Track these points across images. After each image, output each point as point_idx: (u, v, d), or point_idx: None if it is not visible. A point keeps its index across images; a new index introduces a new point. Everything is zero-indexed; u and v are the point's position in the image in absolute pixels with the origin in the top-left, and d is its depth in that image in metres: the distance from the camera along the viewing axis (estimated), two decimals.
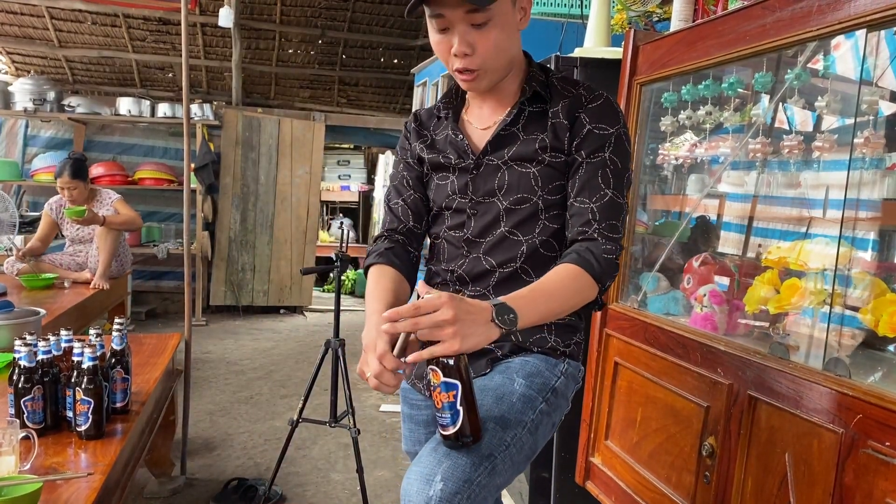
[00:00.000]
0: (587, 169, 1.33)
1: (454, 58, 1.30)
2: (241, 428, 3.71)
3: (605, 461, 2.29)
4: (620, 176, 1.34)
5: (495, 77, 1.35)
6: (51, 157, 6.21)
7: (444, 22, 1.26)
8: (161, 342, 2.89)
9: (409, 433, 1.59)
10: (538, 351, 1.40)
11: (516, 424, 1.27)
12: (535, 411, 1.31)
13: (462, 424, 1.11)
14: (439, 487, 1.13)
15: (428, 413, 1.53)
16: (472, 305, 1.09)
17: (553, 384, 1.37)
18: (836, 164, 1.68)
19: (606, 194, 1.31)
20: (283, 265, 6.85)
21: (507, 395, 1.30)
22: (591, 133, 1.33)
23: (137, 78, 7.52)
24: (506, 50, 1.31)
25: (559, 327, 1.42)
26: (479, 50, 1.27)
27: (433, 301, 1.06)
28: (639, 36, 2.26)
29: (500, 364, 1.39)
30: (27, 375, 1.82)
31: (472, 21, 1.25)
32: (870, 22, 1.42)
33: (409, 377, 1.43)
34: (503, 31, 1.28)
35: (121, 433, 1.92)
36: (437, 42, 1.31)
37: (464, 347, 1.06)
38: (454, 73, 1.34)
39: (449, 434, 1.13)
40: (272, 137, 6.70)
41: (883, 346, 1.60)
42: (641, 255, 2.40)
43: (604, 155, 1.32)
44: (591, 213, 1.30)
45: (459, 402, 1.10)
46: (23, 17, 6.77)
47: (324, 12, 7.19)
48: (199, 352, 5.15)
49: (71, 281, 4.11)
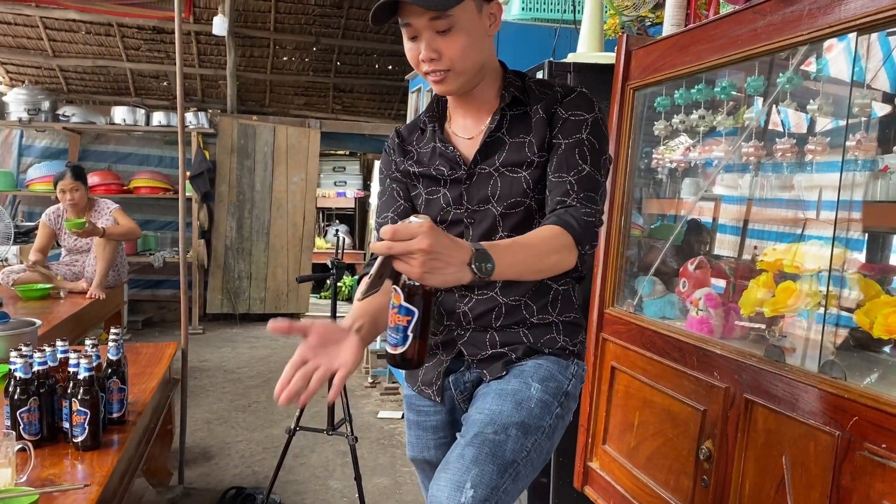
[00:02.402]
0: (565, 148, 1.34)
1: (423, 63, 1.33)
2: (238, 436, 3.71)
3: (604, 466, 2.29)
4: (597, 155, 1.35)
5: (465, 80, 1.36)
6: (46, 166, 6.21)
7: (412, 30, 1.31)
8: (158, 351, 2.89)
9: (415, 439, 1.60)
10: (549, 352, 1.43)
11: (536, 430, 1.31)
12: (551, 416, 1.36)
13: (407, 349, 1.13)
14: (470, 494, 1.18)
15: (436, 419, 1.54)
16: (452, 243, 1.04)
17: (566, 388, 1.41)
18: (829, 166, 1.69)
19: (584, 169, 1.32)
20: (280, 272, 6.84)
21: (525, 400, 1.34)
22: (568, 120, 1.36)
23: (132, 87, 7.51)
24: (474, 54, 1.33)
25: (566, 325, 1.45)
26: (446, 54, 1.30)
27: (412, 228, 1.01)
28: (631, 41, 2.27)
29: (515, 367, 1.41)
30: (23, 387, 1.82)
31: (436, 28, 1.28)
32: (860, 25, 1.43)
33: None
34: (469, 36, 1.30)
35: (117, 444, 1.92)
36: (408, 49, 1.35)
37: (427, 280, 1.03)
38: (425, 78, 1.37)
39: (393, 353, 1.15)
40: (267, 145, 6.70)
41: (878, 347, 1.61)
42: (637, 259, 2.40)
43: (580, 136, 1.35)
44: (569, 185, 1.31)
45: (412, 328, 1.12)
46: (17, 28, 6.77)
47: (318, 20, 7.21)
48: (196, 360, 5.13)
49: (67, 291, 4.10)
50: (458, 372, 1.48)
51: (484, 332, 1.44)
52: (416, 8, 1.26)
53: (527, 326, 1.43)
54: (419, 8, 1.25)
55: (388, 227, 1.01)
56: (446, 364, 1.48)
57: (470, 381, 1.47)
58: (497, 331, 1.43)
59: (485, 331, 1.44)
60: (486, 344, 1.43)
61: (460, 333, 1.46)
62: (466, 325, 1.45)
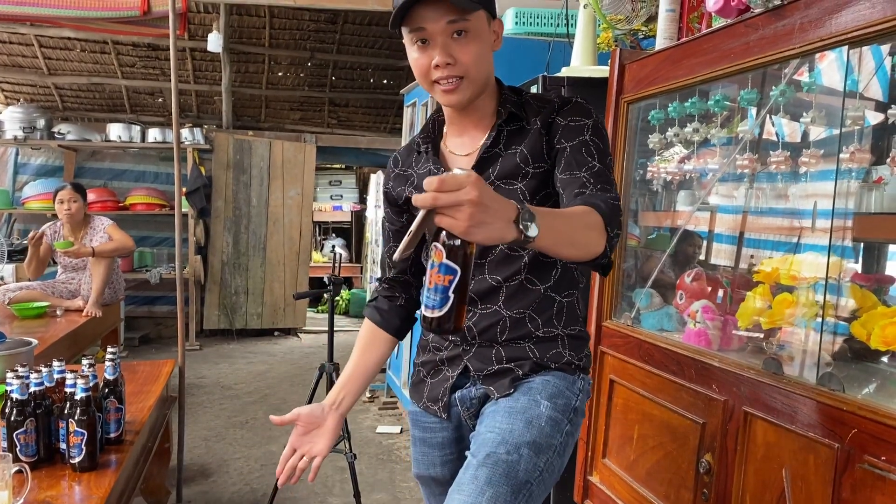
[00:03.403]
0: (571, 150, 1.33)
1: (435, 70, 1.31)
2: (236, 453, 3.69)
3: (604, 479, 2.28)
4: (604, 154, 1.34)
5: (475, 89, 1.35)
6: (41, 184, 6.20)
7: (425, 34, 1.29)
8: (154, 369, 2.87)
9: (421, 457, 1.58)
10: (555, 367, 1.42)
11: (547, 449, 1.31)
12: (562, 433, 1.36)
13: (448, 311, 1.04)
14: None
15: (442, 435, 1.53)
16: (499, 197, 1.00)
17: (574, 404, 1.41)
18: (824, 174, 1.69)
19: (595, 165, 1.30)
20: (277, 287, 6.83)
21: (535, 418, 1.34)
22: (568, 126, 1.36)
23: (127, 104, 7.52)
24: (484, 63, 1.34)
25: (571, 339, 1.45)
26: (461, 59, 1.29)
27: (459, 178, 0.95)
28: (625, 55, 2.28)
29: (522, 384, 1.41)
30: (19, 408, 1.80)
31: (454, 29, 1.27)
32: (851, 39, 1.44)
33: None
34: (481, 45, 1.31)
35: (115, 464, 1.91)
36: (416, 58, 1.33)
37: (473, 234, 0.96)
38: (434, 87, 1.34)
39: (431, 317, 1.06)
40: (263, 160, 6.71)
41: (875, 358, 1.61)
42: (634, 270, 2.40)
43: (584, 137, 1.34)
44: (585, 179, 1.28)
45: (453, 288, 1.04)
46: (11, 46, 6.78)
47: (312, 35, 7.23)
48: (193, 377, 5.11)
49: (63, 309, 4.09)
50: (465, 388, 1.47)
51: (489, 348, 1.43)
52: (431, 12, 1.25)
53: (532, 341, 1.42)
54: (438, 11, 1.24)
55: (433, 178, 0.95)
56: (452, 380, 1.47)
57: (476, 398, 1.46)
58: (502, 345, 1.43)
59: (490, 346, 1.43)
60: (492, 359, 1.43)
61: (466, 349, 1.45)
62: (472, 341, 1.44)
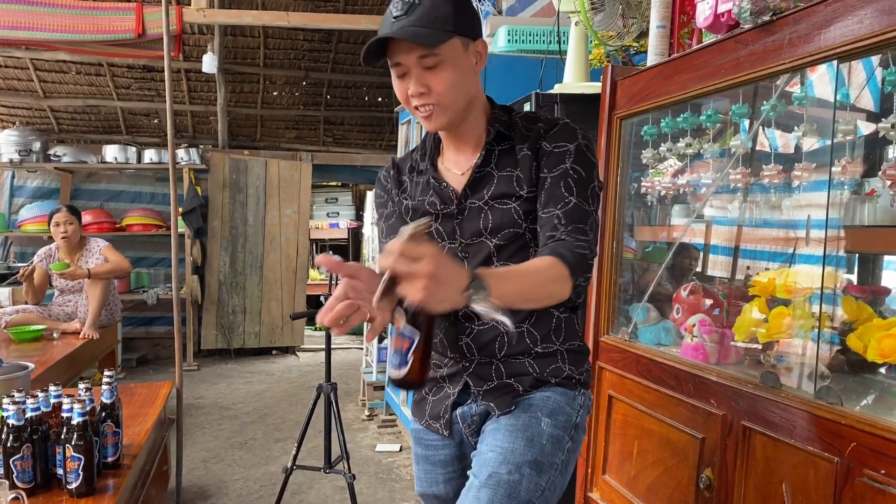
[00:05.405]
0: (550, 182, 1.36)
1: (412, 98, 1.37)
2: (235, 475, 3.66)
3: (604, 496, 2.27)
4: (584, 185, 1.36)
5: (452, 115, 1.39)
6: (37, 207, 6.20)
7: (402, 69, 1.36)
8: (152, 391, 2.86)
9: (423, 474, 1.58)
10: (555, 382, 1.43)
11: (549, 467, 1.32)
12: (563, 451, 1.36)
13: (408, 372, 1.14)
14: None
15: (445, 453, 1.53)
16: (452, 271, 1.04)
17: (575, 420, 1.42)
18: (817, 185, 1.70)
19: (570, 201, 1.34)
20: (275, 306, 6.82)
21: (536, 436, 1.34)
22: (552, 153, 1.38)
23: (123, 125, 7.55)
24: (461, 89, 1.37)
25: (571, 354, 1.45)
26: (434, 89, 1.34)
27: (419, 250, 1.02)
28: (616, 71, 2.30)
29: (523, 401, 1.41)
30: (16, 434, 1.80)
31: (425, 65, 1.33)
32: (840, 54, 1.45)
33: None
34: (456, 72, 1.34)
35: (112, 489, 1.90)
36: (397, 87, 1.40)
37: (428, 304, 1.02)
38: (414, 113, 1.41)
39: (394, 377, 1.16)
40: (259, 179, 6.72)
41: (873, 370, 1.61)
42: (631, 284, 2.40)
43: (565, 166, 1.36)
44: (557, 219, 1.33)
45: (412, 351, 1.12)
46: (7, 70, 6.81)
47: (307, 54, 7.28)
48: (191, 397, 5.09)
49: (60, 332, 4.08)
50: (466, 405, 1.47)
51: (489, 364, 1.44)
52: (405, 46, 1.31)
53: (532, 356, 1.43)
54: (408, 46, 1.30)
55: (394, 244, 1.01)
56: (453, 397, 1.48)
57: (477, 414, 1.46)
58: (502, 361, 1.43)
59: (490, 362, 1.44)
60: (492, 375, 1.43)
61: (465, 365, 1.46)
62: (471, 357, 1.45)
